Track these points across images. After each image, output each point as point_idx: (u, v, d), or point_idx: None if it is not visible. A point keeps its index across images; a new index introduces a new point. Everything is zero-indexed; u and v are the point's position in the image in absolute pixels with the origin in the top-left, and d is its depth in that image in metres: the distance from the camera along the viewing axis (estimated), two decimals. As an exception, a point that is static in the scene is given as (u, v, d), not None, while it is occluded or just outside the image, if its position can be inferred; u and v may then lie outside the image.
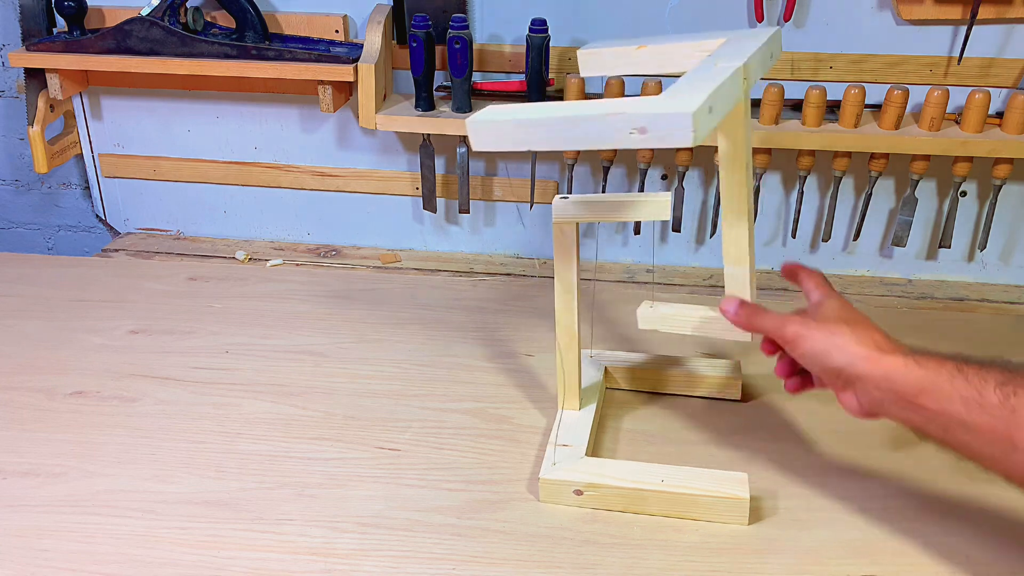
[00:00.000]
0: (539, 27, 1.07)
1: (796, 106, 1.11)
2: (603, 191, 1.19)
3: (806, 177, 1.14)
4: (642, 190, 1.19)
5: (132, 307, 1.12)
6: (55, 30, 1.22)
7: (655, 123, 0.56)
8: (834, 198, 1.15)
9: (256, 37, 1.14)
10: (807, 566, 0.73)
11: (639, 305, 0.86)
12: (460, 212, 1.23)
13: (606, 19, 1.12)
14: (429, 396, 0.94)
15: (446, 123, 1.13)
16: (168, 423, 0.90)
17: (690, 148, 1.12)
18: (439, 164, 1.22)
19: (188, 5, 1.15)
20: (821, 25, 1.09)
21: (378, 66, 1.12)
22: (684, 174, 1.17)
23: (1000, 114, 1.07)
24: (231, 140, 1.28)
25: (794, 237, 1.19)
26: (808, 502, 0.79)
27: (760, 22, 1.08)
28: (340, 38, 1.18)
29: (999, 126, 1.06)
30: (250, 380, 0.97)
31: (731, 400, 0.93)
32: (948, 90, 1.05)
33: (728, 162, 0.74)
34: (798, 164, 1.12)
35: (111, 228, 1.40)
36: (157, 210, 1.35)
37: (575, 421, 0.86)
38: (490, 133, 0.64)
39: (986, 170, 1.10)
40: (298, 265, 1.26)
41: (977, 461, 0.64)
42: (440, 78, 1.17)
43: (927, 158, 1.09)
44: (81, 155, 1.34)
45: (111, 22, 1.20)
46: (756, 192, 1.15)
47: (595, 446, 0.86)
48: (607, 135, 0.57)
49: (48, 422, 0.91)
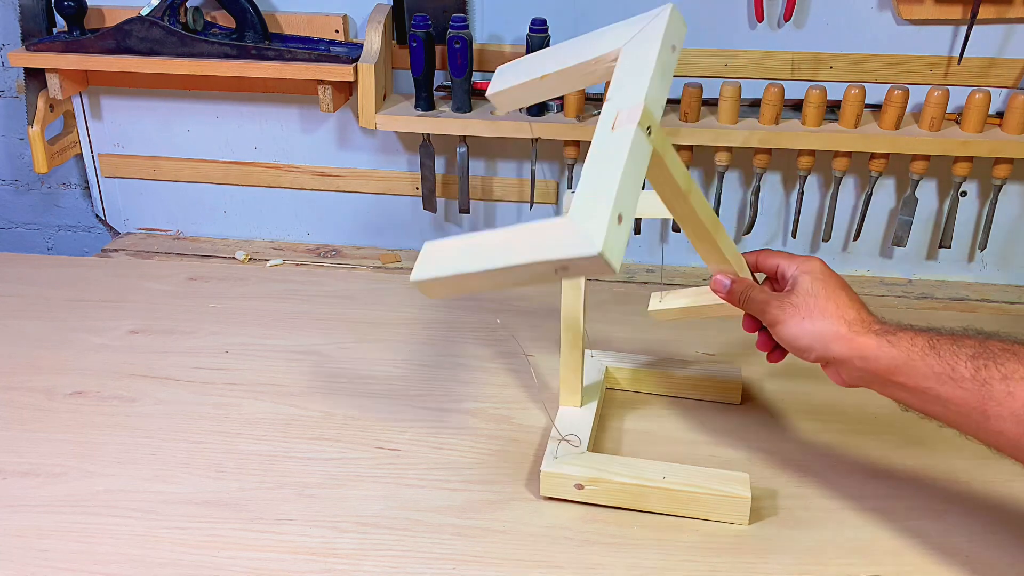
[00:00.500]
0: (539, 27, 1.07)
1: (796, 106, 1.11)
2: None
3: (806, 177, 1.14)
4: (642, 190, 1.18)
5: (132, 307, 1.12)
6: (55, 30, 1.22)
7: (573, 264, 0.55)
8: (834, 198, 1.15)
9: (256, 37, 1.14)
10: (807, 566, 0.73)
11: (649, 302, 0.86)
12: (460, 212, 1.23)
13: (606, 19, 1.11)
14: (429, 396, 0.94)
15: (446, 123, 1.13)
16: (168, 423, 0.90)
17: (691, 147, 1.12)
18: (439, 164, 1.22)
19: (188, 5, 1.15)
20: (821, 25, 1.09)
21: (378, 66, 1.12)
22: (684, 174, 1.17)
23: (1000, 114, 1.07)
24: (231, 140, 1.28)
25: (794, 237, 1.19)
26: (808, 502, 0.79)
27: (760, 22, 1.08)
28: (340, 38, 1.18)
29: (999, 126, 1.06)
30: (250, 380, 0.97)
31: (731, 403, 0.93)
32: (948, 90, 1.05)
33: (669, 202, 0.71)
34: (798, 164, 1.12)
35: (111, 228, 1.40)
36: (157, 210, 1.35)
37: (576, 418, 0.86)
38: (436, 289, 0.66)
39: (986, 170, 1.10)
40: (298, 265, 1.26)
41: (955, 428, 0.66)
42: (440, 78, 1.17)
43: (927, 158, 1.09)
44: (81, 155, 1.34)
45: (111, 22, 1.20)
46: (756, 192, 1.15)
47: (596, 445, 0.86)
48: (538, 277, 0.58)
49: (48, 422, 0.90)
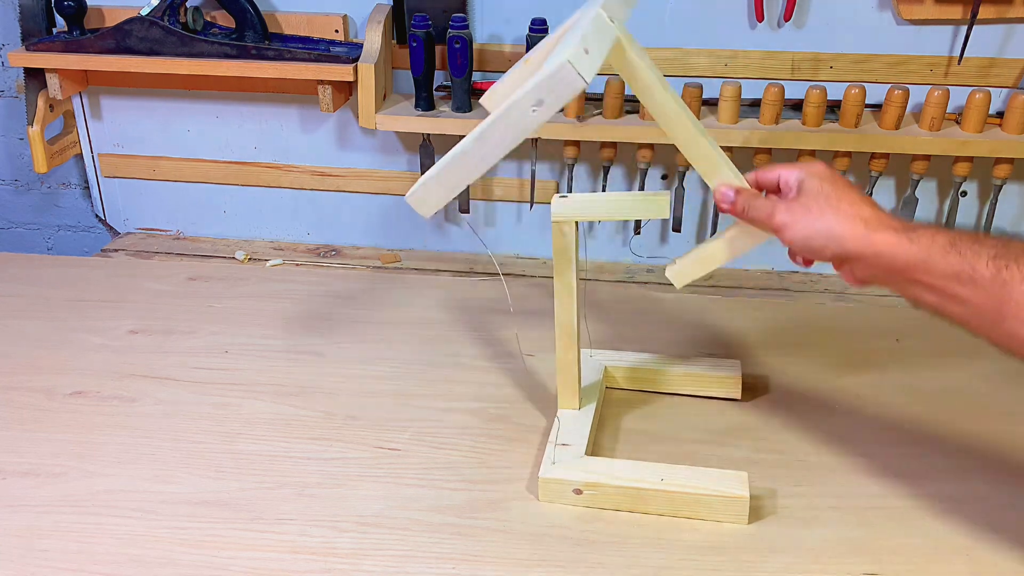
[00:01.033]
0: (539, 27, 1.07)
1: (796, 106, 1.11)
2: (603, 191, 1.19)
3: (806, 177, 1.13)
4: (642, 190, 1.19)
5: (132, 307, 1.12)
6: (55, 30, 1.22)
7: (546, 90, 0.59)
8: (834, 198, 1.15)
9: (256, 37, 1.14)
10: (807, 565, 0.73)
11: (665, 270, 0.85)
12: (460, 212, 1.23)
13: (606, 19, 1.12)
14: (429, 396, 0.94)
15: (446, 123, 1.13)
16: (168, 423, 0.90)
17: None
18: (439, 164, 1.22)
19: (188, 5, 1.15)
20: (821, 25, 1.09)
21: (378, 66, 1.12)
22: (684, 174, 1.17)
23: (1000, 114, 1.07)
24: (231, 140, 1.28)
25: (794, 237, 1.19)
26: (808, 501, 0.79)
27: (760, 22, 1.08)
28: (340, 38, 1.18)
29: (999, 126, 1.06)
30: (250, 380, 0.97)
31: (731, 400, 0.93)
32: (948, 90, 1.05)
33: (641, 93, 0.73)
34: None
35: (111, 228, 1.40)
36: (157, 210, 1.35)
37: (574, 420, 0.86)
38: (428, 195, 0.66)
39: (986, 170, 1.10)
40: (298, 265, 1.26)
41: (968, 329, 0.65)
42: (440, 78, 1.17)
43: (927, 158, 1.09)
44: (81, 155, 1.34)
45: (111, 22, 1.20)
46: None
47: (595, 445, 0.86)
48: (517, 127, 0.60)
49: (48, 422, 0.90)
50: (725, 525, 0.76)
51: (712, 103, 1.12)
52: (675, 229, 1.21)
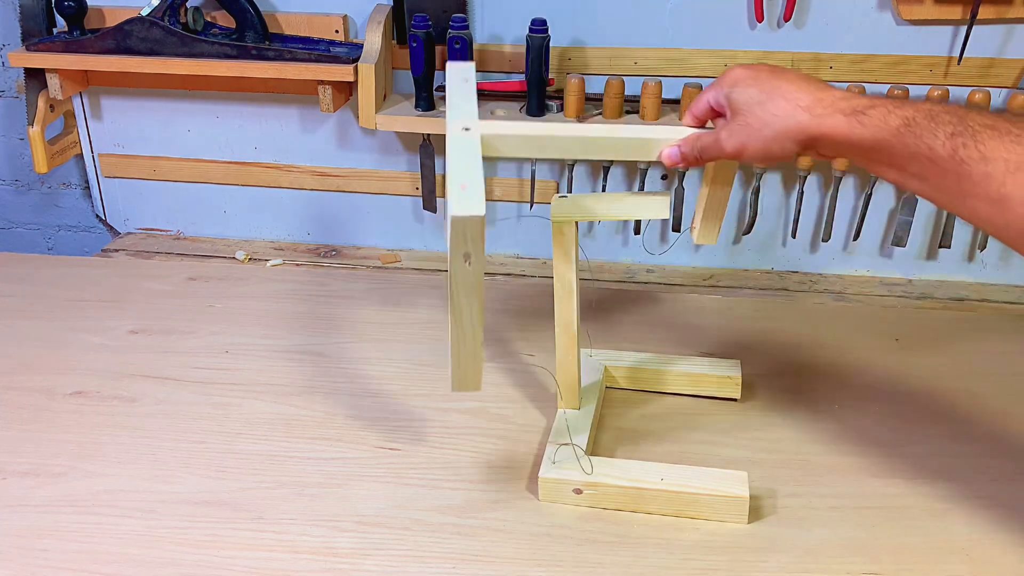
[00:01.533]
0: (539, 27, 1.07)
1: (796, 106, 1.11)
2: (603, 191, 1.19)
3: (806, 177, 1.14)
4: (642, 190, 1.19)
5: (132, 307, 1.12)
6: (55, 30, 1.22)
7: (461, 243, 0.61)
8: (834, 198, 1.15)
9: (256, 37, 1.14)
10: (807, 565, 0.73)
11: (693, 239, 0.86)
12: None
13: (606, 19, 1.12)
14: (429, 396, 0.94)
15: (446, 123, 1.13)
16: (168, 423, 0.90)
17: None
18: (439, 164, 1.22)
19: (188, 5, 1.15)
20: (821, 25, 1.09)
21: (378, 66, 1.12)
22: (684, 174, 1.17)
23: (1000, 114, 1.07)
24: (231, 140, 1.28)
25: (794, 237, 1.19)
26: (808, 501, 0.79)
27: (760, 22, 1.08)
28: (340, 38, 1.18)
29: (999, 126, 1.06)
30: (250, 380, 0.97)
31: (731, 399, 0.93)
32: (948, 90, 1.05)
33: (538, 153, 0.76)
34: (798, 164, 1.12)
35: (111, 228, 1.40)
36: (157, 210, 1.35)
37: (575, 420, 0.86)
38: (463, 372, 0.69)
39: (986, 170, 1.10)
40: (298, 265, 1.26)
41: (934, 204, 0.64)
42: (440, 78, 1.17)
43: (927, 158, 1.09)
44: (81, 155, 1.34)
45: (111, 22, 1.20)
46: (756, 192, 1.15)
47: (595, 445, 0.86)
48: (467, 286, 0.63)
49: (48, 422, 0.91)
50: (725, 525, 0.76)
51: (712, 103, 1.12)
52: (675, 229, 1.21)
